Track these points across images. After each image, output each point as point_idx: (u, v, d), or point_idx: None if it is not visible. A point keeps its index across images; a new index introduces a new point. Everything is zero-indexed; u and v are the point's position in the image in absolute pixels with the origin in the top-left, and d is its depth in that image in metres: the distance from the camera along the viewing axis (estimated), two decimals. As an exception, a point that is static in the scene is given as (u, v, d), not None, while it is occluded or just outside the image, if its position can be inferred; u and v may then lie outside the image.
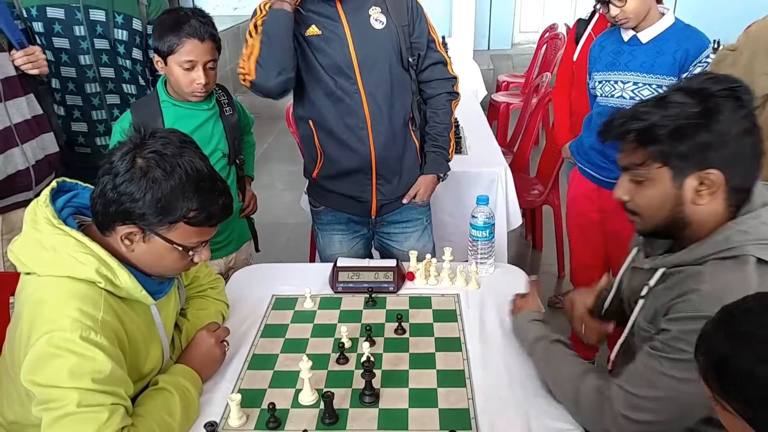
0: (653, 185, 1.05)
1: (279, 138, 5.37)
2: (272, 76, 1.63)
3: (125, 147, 1.07)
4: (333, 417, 1.17)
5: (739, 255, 1.00)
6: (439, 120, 1.85)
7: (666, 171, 1.03)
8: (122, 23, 2.01)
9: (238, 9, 6.89)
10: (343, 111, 1.71)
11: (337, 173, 1.81)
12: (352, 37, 1.67)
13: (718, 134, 0.98)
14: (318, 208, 1.94)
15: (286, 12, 1.61)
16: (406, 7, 1.74)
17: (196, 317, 1.39)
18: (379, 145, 1.75)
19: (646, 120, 1.01)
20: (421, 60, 1.79)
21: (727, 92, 0.99)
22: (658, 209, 1.06)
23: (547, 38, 5.03)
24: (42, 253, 1.07)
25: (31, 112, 1.79)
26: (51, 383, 0.99)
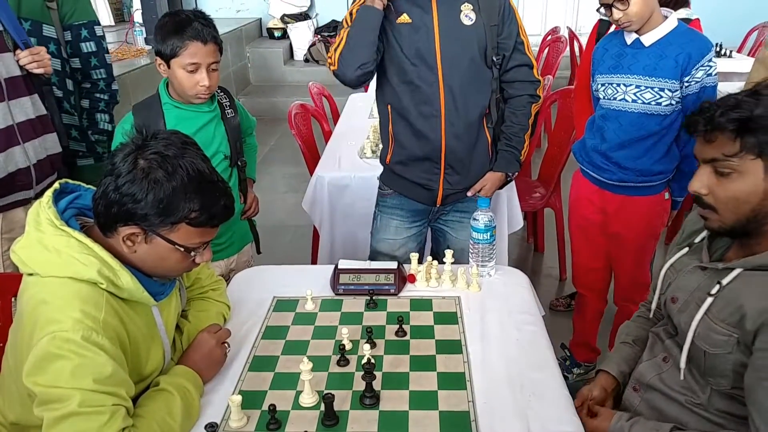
0: (741, 178, 1.03)
1: (281, 140, 5.38)
2: (352, 70, 1.70)
3: (127, 148, 1.08)
4: (333, 419, 1.17)
5: None
6: (516, 120, 1.89)
7: (759, 163, 1.02)
8: (30, 30, 1.92)
9: (241, 11, 6.91)
10: (419, 98, 1.77)
11: (408, 159, 1.87)
12: (439, 29, 1.73)
13: None
14: (386, 191, 2.01)
15: (376, 10, 1.68)
16: (499, 7, 1.79)
17: (198, 319, 1.39)
18: (450, 135, 1.79)
19: (748, 110, 1.00)
20: (506, 60, 1.84)
21: None
22: (743, 202, 1.04)
23: (549, 41, 5.03)
24: (44, 254, 1.08)
25: (35, 112, 1.79)
26: (52, 384, 1.00)
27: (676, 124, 1.96)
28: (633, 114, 1.95)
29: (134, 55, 4.49)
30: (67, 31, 2.04)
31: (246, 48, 6.41)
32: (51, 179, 1.88)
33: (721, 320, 1.10)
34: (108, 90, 2.19)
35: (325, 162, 2.71)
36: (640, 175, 2.01)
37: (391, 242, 2.00)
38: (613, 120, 2.00)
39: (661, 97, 1.89)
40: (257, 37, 6.87)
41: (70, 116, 2.11)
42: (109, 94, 2.20)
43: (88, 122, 2.16)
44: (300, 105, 3.08)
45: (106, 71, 2.16)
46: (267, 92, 6.25)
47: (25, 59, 1.73)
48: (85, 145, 2.15)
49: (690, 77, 1.86)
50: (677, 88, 1.88)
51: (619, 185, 2.05)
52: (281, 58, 6.47)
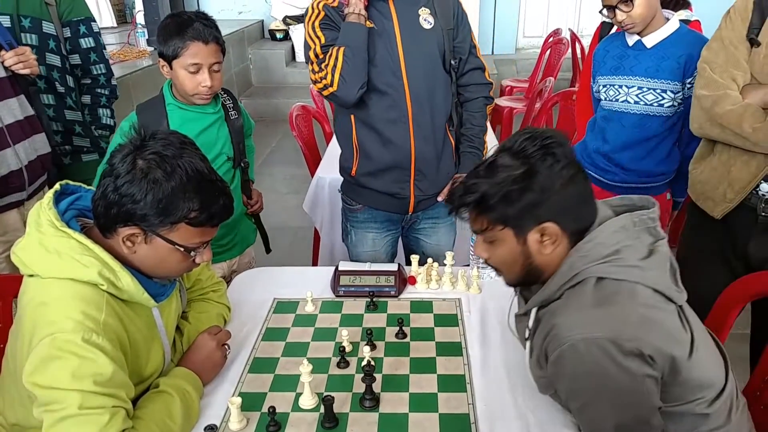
0: (502, 245, 1.11)
1: (282, 142, 5.38)
2: (355, 90, 1.69)
3: (126, 149, 1.08)
4: (333, 421, 1.17)
5: (583, 278, 1.06)
6: (475, 122, 1.89)
7: (508, 231, 1.09)
8: (30, 27, 1.94)
9: (243, 13, 6.92)
10: (385, 104, 1.75)
11: (376, 170, 1.84)
12: (401, 34, 1.72)
13: (540, 192, 1.04)
14: (354, 206, 1.96)
15: (362, 26, 1.67)
16: (453, 11, 1.79)
17: (198, 320, 1.39)
18: (420, 140, 1.78)
19: (477, 191, 1.07)
20: (462, 64, 1.83)
21: (541, 151, 1.05)
22: (512, 264, 1.13)
23: (551, 43, 5.03)
24: (45, 256, 1.08)
25: (23, 113, 1.79)
26: (52, 385, 1.00)
27: (678, 126, 1.96)
28: (635, 115, 1.95)
29: (136, 56, 4.50)
30: (66, 27, 2.05)
31: (248, 49, 6.41)
32: (42, 180, 1.89)
33: (535, 365, 1.16)
34: (108, 85, 2.20)
35: (326, 163, 2.71)
36: (642, 177, 2.01)
37: (372, 253, 1.96)
38: (615, 121, 2.00)
39: (663, 99, 1.89)
40: (259, 38, 6.87)
41: (73, 112, 2.12)
42: (110, 89, 2.21)
43: (91, 118, 2.17)
44: (301, 106, 3.09)
45: (105, 66, 2.17)
46: (269, 93, 6.25)
47: (10, 60, 1.73)
48: (89, 140, 2.17)
49: (692, 79, 1.85)
50: (679, 89, 1.88)
51: (622, 186, 2.04)
52: (283, 60, 6.48)
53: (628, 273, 1.05)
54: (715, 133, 1.60)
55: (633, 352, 0.99)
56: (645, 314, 1.02)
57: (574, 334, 1.00)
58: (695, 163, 1.75)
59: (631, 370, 0.99)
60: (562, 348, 1.01)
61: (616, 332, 0.98)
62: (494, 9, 6.75)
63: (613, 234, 1.08)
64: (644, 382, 1.00)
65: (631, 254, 1.07)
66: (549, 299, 1.11)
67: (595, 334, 0.99)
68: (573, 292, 1.07)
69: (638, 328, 1.00)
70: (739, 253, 1.67)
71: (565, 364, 1.02)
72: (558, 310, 1.07)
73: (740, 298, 1.43)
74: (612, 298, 1.03)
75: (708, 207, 1.69)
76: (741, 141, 1.54)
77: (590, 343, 0.99)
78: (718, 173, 1.64)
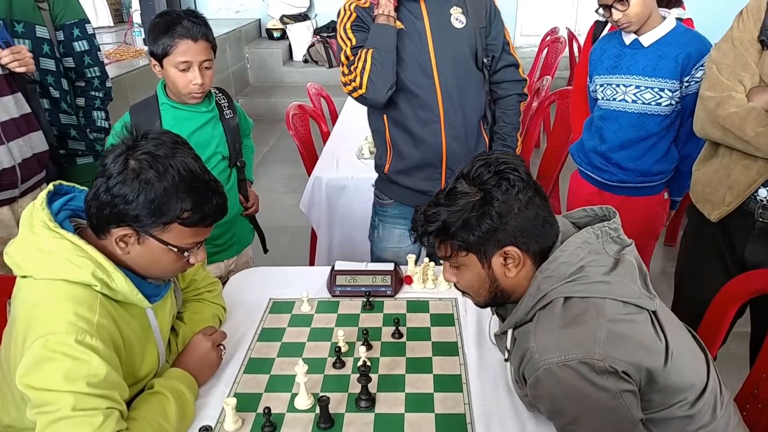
0: (467, 270, 1.12)
1: (279, 141, 5.37)
2: (384, 92, 1.71)
3: (118, 149, 1.07)
4: (328, 422, 1.17)
5: (551, 299, 1.06)
6: (508, 120, 1.89)
7: (472, 257, 1.10)
8: (23, 32, 1.93)
9: (240, 12, 6.91)
10: (417, 105, 1.77)
11: (408, 168, 1.86)
12: (432, 33, 1.73)
13: (498, 217, 1.05)
14: (385, 201, 1.98)
15: (392, 28, 1.68)
16: (485, 9, 1.79)
17: (193, 321, 1.39)
18: (451, 139, 1.79)
19: (437, 220, 1.08)
20: (495, 62, 1.84)
21: (495, 177, 1.06)
22: (479, 288, 1.14)
23: (548, 42, 5.03)
24: (38, 257, 1.07)
25: (19, 111, 1.78)
26: (46, 386, 0.99)
27: (675, 124, 1.96)
28: (633, 114, 1.94)
29: (133, 55, 4.48)
30: (59, 30, 2.04)
31: (245, 48, 6.40)
32: (38, 177, 1.88)
33: (515, 383, 1.18)
34: (103, 87, 2.19)
35: (323, 163, 2.70)
36: (640, 176, 2.00)
37: (396, 250, 1.99)
38: (613, 121, 1.99)
39: (661, 98, 1.89)
40: (256, 37, 6.86)
41: (67, 116, 2.11)
42: (104, 91, 2.19)
43: (86, 120, 2.16)
44: (298, 106, 3.08)
45: (99, 69, 2.16)
46: (266, 93, 6.24)
47: (6, 58, 1.73)
48: (84, 143, 2.16)
49: (690, 77, 1.85)
50: (677, 88, 1.87)
51: (619, 186, 2.04)
52: (280, 59, 6.47)
53: (594, 289, 1.05)
54: (717, 135, 1.59)
55: (607, 371, 0.99)
56: (614, 330, 1.01)
57: (548, 358, 1.00)
58: (698, 164, 1.75)
59: (608, 388, 0.99)
60: (537, 373, 1.02)
61: (588, 353, 0.99)
62: (492, 8, 6.74)
63: (576, 251, 1.08)
64: (622, 396, 1.00)
65: (595, 270, 1.07)
66: (522, 321, 1.12)
67: (567, 356, 0.99)
68: (543, 314, 1.08)
69: (608, 346, 1.00)
70: (737, 257, 1.66)
71: (543, 387, 1.02)
72: (530, 333, 1.07)
73: (737, 297, 1.43)
74: (580, 318, 1.03)
75: (706, 210, 1.69)
76: (743, 145, 1.53)
77: (564, 366, 0.99)
78: (719, 176, 1.63)
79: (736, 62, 1.54)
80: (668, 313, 1.15)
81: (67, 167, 2.14)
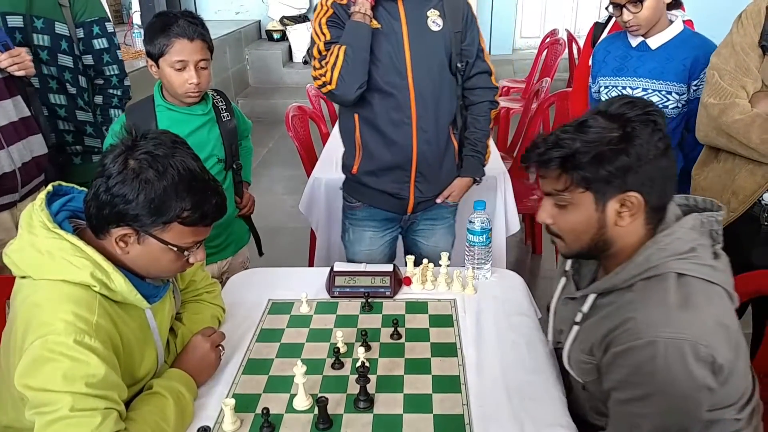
0: (576, 210, 1.07)
1: (279, 142, 5.38)
2: (353, 90, 1.69)
3: (117, 149, 1.07)
4: (327, 422, 1.17)
5: (661, 273, 1.03)
6: (479, 126, 1.89)
7: (589, 195, 1.05)
8: (43, 27, 1.95)
9: (240, 13, 6.91)
10: (390, 105, 1.75)
11: (377, 169, 1.84)
12: (408, 35, 1.71)
13: (636, 158, 1.01)
14: (353, 204, 1.97)
15: (367, 26, 1.67)
16: (462, 14, 1.78)
17: (192, 321, 1.39)
18: (422, 142, 1.78)
19: (568, 147, 1.03)
20: (468, 67, 1.83)
21: (644, 116, 1.03)
22: (582, 232, 1.09)
23: (547, 43, 5.03)
24: (37, 257, 1.07)
25: (18, 114, 1.78)
26: (44, 387, 0.99)
27: (680, 127, 1.94)
28: None
29: (132, 56, 4.49)
30: (80, 28, 2.05)
31: (245, 50, 6.41)
32: (37, 181, 1.88)
33: (581, 350, 1.15)
34: (121, 86, 2.20)
35: (323, 164, 2.70)
36: None
37: (368, 252, 1.97)
38: None
39: (668, 101, 1.88)
40: (256, 39, 6.87)
41: (84, 113, 2.12)
42: (122, 90, 2.21)
43: (102, 118, 2.18)
44: (297, 107, 3.08)
45: (118, 67, 2.17)
46: (266, 94, 6.25)
47: (6, 62, 1.73)
48: (100, 141, 2.16)
49: (698, 81, 1.83)
50: (684, 91, 1.86)
51: None
52: (280, 60, 6.47)
53: (705, 272, 1.03)
54: (721, 142, 1.58)
55: (706, 359, 0.97)
56: (721, 320, 1.00)
57: (657, 333, 0.97)
58: (698, 168, 1.74)
59: (697, 378, 0.97)
60: (637, 342, 0.98)
61: (698, 337, 0.96)
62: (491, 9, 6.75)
63: (689, 231, 1.05)
64: (702, 391, 0.98)
65: (705, 253, 1.04)
66: (615, 287, 1.08)
67: (679, 336, 0.96)
68: (649, 286, 1.04)
69: (714, 335, 0.98)
70: (743, 261, 1.66)
71: (634, 357, 0.99)
72: (633, 303, 1.03)
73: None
74: (693, 299, 1.00)
75: None
76: (748, 152, 1.52)
77: (671, 344, 0.96)
78: (722, 181, 1.63)
79: (737, 68, 1.53)
80: None
81: (83, 163, 2.16)
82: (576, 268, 1.25)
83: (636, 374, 1.01)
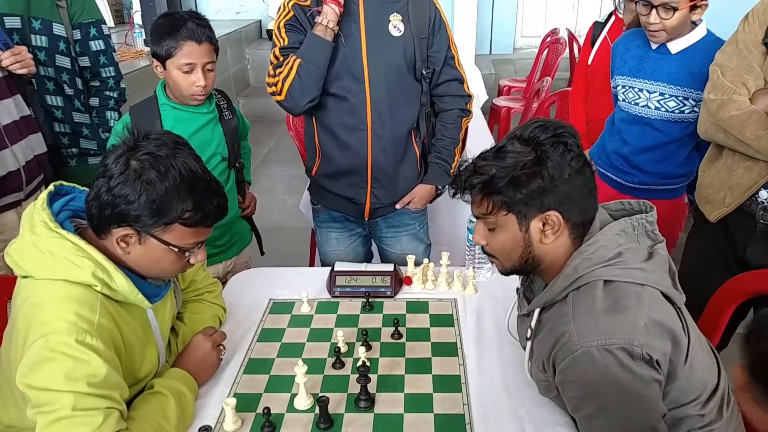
0: (503, 231, 1.11)
1: (280, 142, 5.38)
2: (302, 105, 1.69)
3: (119, 150, 1.08)
4: (328, 422, 1.17)
5: (589, 281, 1.06)
6: (447, 134, 1.85)
7: (512, 217, 1.09)
8: (40, 29, 1.93)
9: (240, 13, 6.91)
10: (345, 110, 1.73)
11: (334, 172, 1.83)
12: (367, 39, 1.68)
13: (549, 179, 1.05)
14: (316, 206, 1.97)
15: (328, 43, 1.63)
16: (429, 20, 1.74)
17: (193, 321, 1.39)
18: (377, 149, 1.76)
19: (486, 173, 1.07)
20: (436, 74, 1.79)
21: (554, 139, 1.06)
22: (511, 251, 1.13)
23: (548, 43, 5.03)
24: (39, 257, 1.07)
25: (19, 113, 1.78)
26: (46, 386, 0.99)
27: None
28: (656, 120, 1.91)
29: (133, 56, 4.49)
30: (76, 29, 2.04)
31: (246, 50, 6.40)
32: (39, 180, 1.88)
33: (537, 367, 1.17)
34: (117, 88, 2.19)
35: (323, 164, 2.70)
36: (662, 178, 1.98)
37: (337, 253, 1.97)
38: (635, 125, 1.96)
39: (685, 106, 1.85)
40: (257, 38, 6.86)
41: (81, 114, 2.11)
42: (118, 92, 2.20)
43: (98, 120, 2.17)
44: (298, 107, 3.07)
45: (114, 69, 2.17)
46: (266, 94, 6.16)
47: (7, 60, 1.72)
48: (96, 143, 2.16)
49: None
50: (701, 98, 1.83)
51: (641, 188, 2.01)
52: (281, 60, 6.47)
53: (632, 275, 1.06)
54: (719, 137, 1.58)
55: (644, 358, 0.99)
56: (653, 318, 1.02)
57: (588, 341, 1.00)
58: (704, 165, 1.74)
59: (642, 375, 0.99)
60: (575, 354, 1.01)
61: (629, 339, 0.99)
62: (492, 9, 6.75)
63: (615, 237, 1.09)
64: (652, 386, 1.01)
65: (633, 257, 1.07)
66: (552, 300, 1.12)
67: (608, 340, 0.99)
68: (580, 296, 1.07)
69: (647, 333, 1.00)
70: (739, 259, 1.66)
71: (577, 370, 1.02)
72: (567, 316, 1.06)
73: (733, 298, 1.43)
74: (622, 303, 1.03)
75: (707, 210, 1.69)
76: (744, 147, 1.52)
77: (603, 349, 0.99)
78: (722, 177, 1.63)
79: (740, 65, 1.53)
80: (688, 315, 1.16)
81: (79, 165, 2.15)
82: (527, 285, 1.28)
83: (585, 388, 1.04)
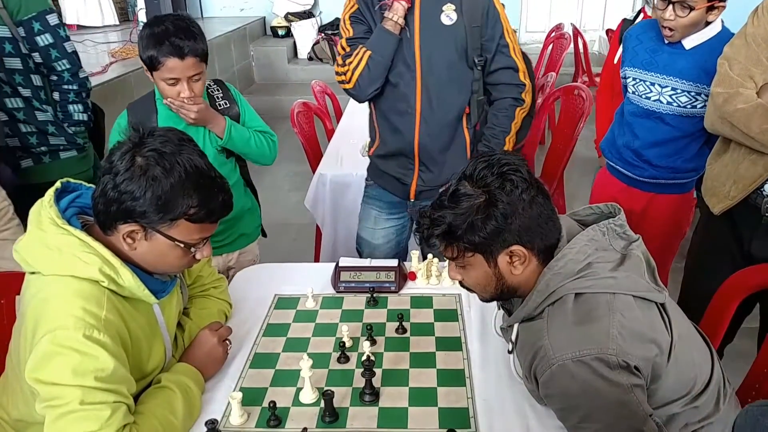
0: (474, 269, 1.14)
1: (284, 139, 5.33)
2: (367, 93, 1.81)
3: (124, 146, 1.08)
4: (333, 415, 1.18)
5: (561, 296, 1.08)
6: (497, 122, 1.87)
7: (478, 257, 1.11)
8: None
9: (245, 10, 6.92)
10: (397, 95, 1.82)
11: (386, 153, 1.94)
12: (420, 28, 1.75)
13: (503, 219, 1.07)
14: (369, 182, 2.09)
15: (395, 37, 1.73)
16: (483, 9, 1.77)
17: (199, 316, 1.40)
18: (424, 133, 1.83)
19: (442, 223, 1.10)
20: (489, 63, 1.82)
21: (499, 180, 1.07)
22: (486, 285, 1.16)
23: (553, 38, 5.01)
24: (46, 253, 1.09)
25: None
26: (54, 381, 1.01)
27: None
28: (668, 115, 1.90)
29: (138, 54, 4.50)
30: (20, 27, 1.95)
31: (250, 46, 6.41)
32: None
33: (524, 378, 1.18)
34: (75, 80, 2.10)
35: (327, 160, 2.71)
36: (672, 172, 1.97)
37: (370, 231, 2.07)
38: (646, 119, 1.95)
39: (697, 101, 1.84)
40: (261, 35, 6.87)
41: (43, 113, 2.06)
42: (77, 83, 2.11)
43: (63, 115, 2.11)
44: (302, 103, 3.09)
45: (68, 61, 2.06)
46: (271, 90, 6.25)
47: None
48: (63, 138, 2.11)
49: None
50: None
51: (650, 182, 2.01)
52: (285, 57, 6.47)
53: (603, 285, 1.07)
54: (725, 131, 1.58)
55: (620, 365, 1.01)
56: (626, 325, 1.03)
57: (562, 355, 1.02)
58: (711, 159, 1.73)
59: (621, 382, 1.01)
60: (551, 369, 1.03)
61: (602, 348, 1.00)
62: (496, 4, 6.73)
63: (583, 248, 1.10)
64: (633, 391, 1.02)
65: (602, 266, 1.09)
66: (530, 316, 1.13)
67: (582, 352, 1.01)
68: (553, 310, 1.09)
69: (621, 341, 1.01)
70: (744, 253, 1.66)
71: (556, 384, 1.04)
72: (542, 331, 1.08)
73: (738, 292, 1.43)
74: (592, 314, 1.05)
75: (711, 203, 1.68)
76: (749, 141, 1.52)
77: (578, 362, 1.01)
78: (727, 170, 1.63)
79: (748, 59, 1.53)
80: (675, 308, 1.16)
81: (52, 161, 2.11)
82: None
83: (567, 400, 1.05)
